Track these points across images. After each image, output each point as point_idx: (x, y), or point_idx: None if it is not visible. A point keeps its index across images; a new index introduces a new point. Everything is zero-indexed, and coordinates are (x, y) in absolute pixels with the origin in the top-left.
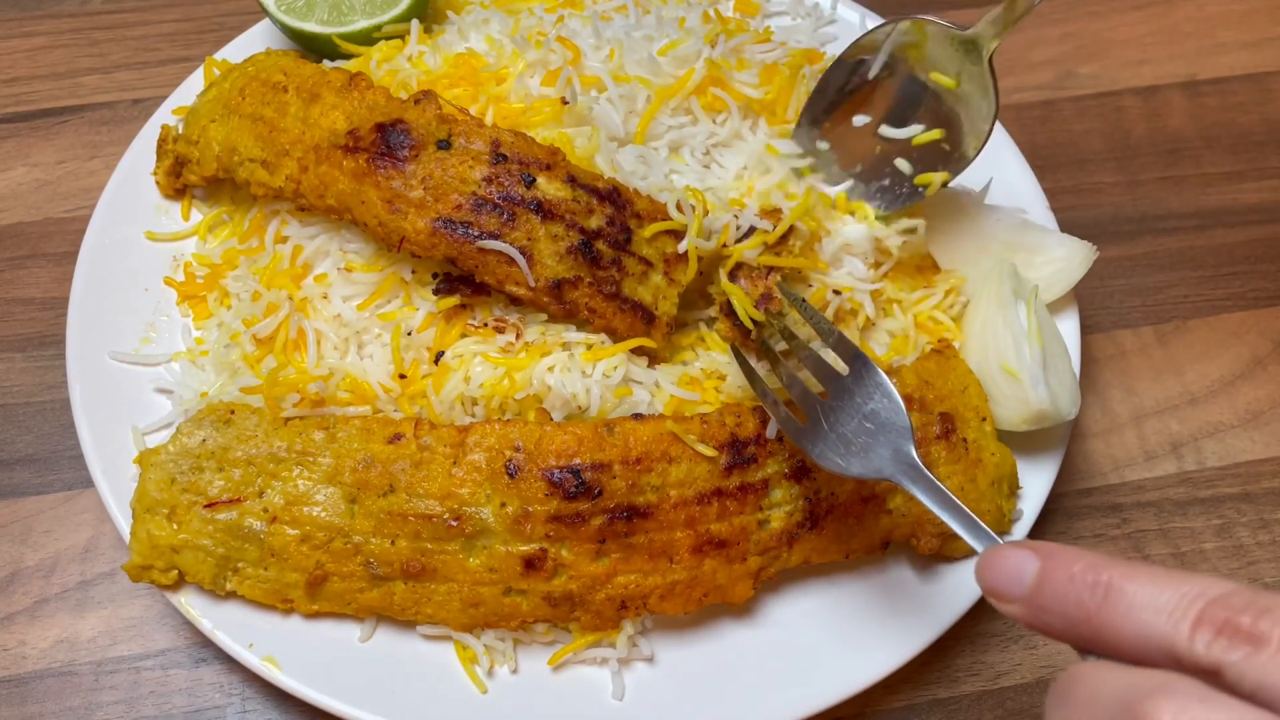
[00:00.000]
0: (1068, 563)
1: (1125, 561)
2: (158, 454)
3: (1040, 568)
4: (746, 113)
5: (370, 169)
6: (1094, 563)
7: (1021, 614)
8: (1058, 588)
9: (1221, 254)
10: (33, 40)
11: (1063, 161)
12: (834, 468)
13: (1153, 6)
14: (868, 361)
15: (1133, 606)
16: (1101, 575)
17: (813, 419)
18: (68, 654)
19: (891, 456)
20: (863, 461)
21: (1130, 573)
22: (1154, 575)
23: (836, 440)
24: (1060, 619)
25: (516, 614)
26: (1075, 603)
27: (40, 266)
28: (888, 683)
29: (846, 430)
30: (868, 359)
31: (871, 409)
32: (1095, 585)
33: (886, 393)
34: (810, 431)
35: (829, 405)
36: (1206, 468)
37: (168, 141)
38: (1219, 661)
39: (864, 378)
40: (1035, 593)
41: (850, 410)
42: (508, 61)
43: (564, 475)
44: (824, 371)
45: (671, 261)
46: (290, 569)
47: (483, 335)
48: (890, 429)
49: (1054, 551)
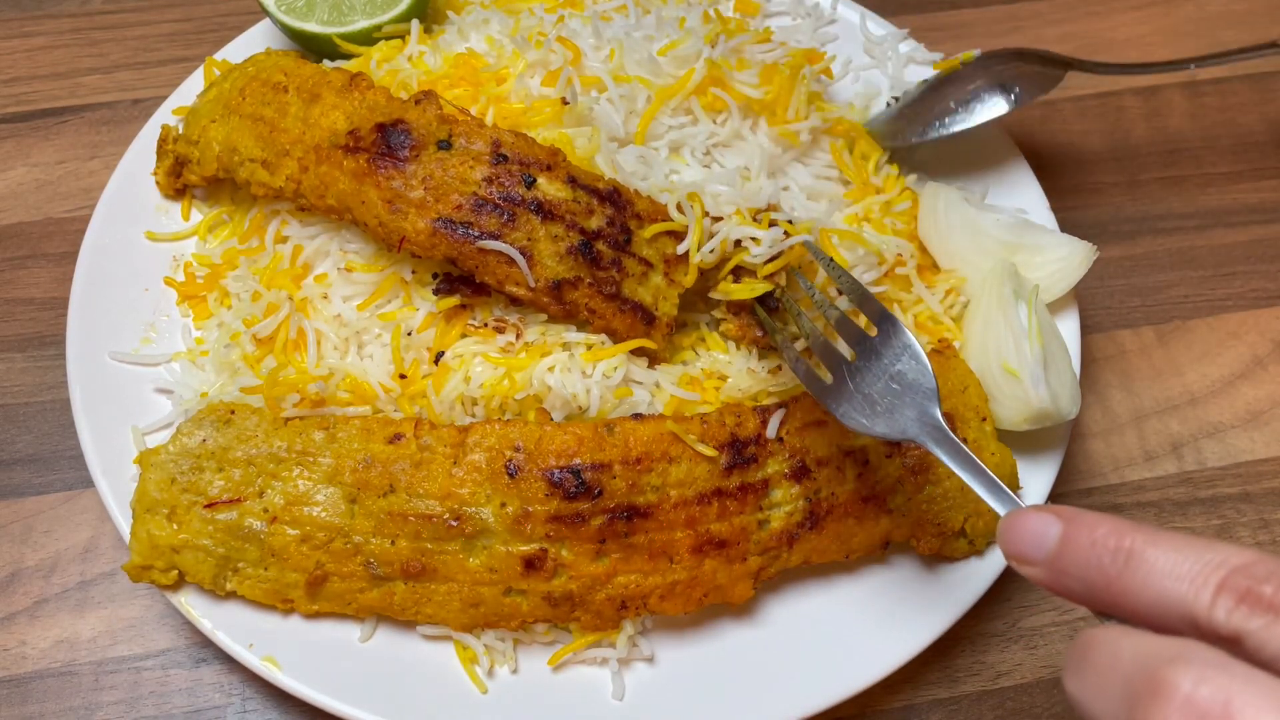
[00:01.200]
0: (1090, 527)
1: (1148, 527)
2: (158, 454)
3: (1062, 531)
4: (746, 113)
5: (371, 169)
6: (1116, 527)
7: (1042, 577)
8: (1079, 552)
9: (1221, 254)
10: (33, 40)
11: (1063, 161)
12: (858, 427)
13: (1153, 6)
14: (896, 322)
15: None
16: (1124, 540)
17: (838, 377)
18: (68, 654)
19: (917, 418)
20: (887, 421)
21: (1153, 539)
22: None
23: (862, 400)
24: (1081, 583)
25: (516, 614)
26: (1096, 567)
27: (40, 266)
28: (888, 683)
29: (872, 391)
30: (896, 320)
31: (899, 370)
32: (1117, 550)
33: (914, 354)
34: (834, 389)
35: (855, 366)
36: (1206, 468)
37: (168, 141)
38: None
39: (892, 338)
40: (1056, 557)
41: (877, 371)
42: (508, 62)
43: (564, 475)
44: (851, 332)
45: (672, 262)
46: (290, 569)
47: (483, 335)
48: (916, 390)
49: (1076, 516)
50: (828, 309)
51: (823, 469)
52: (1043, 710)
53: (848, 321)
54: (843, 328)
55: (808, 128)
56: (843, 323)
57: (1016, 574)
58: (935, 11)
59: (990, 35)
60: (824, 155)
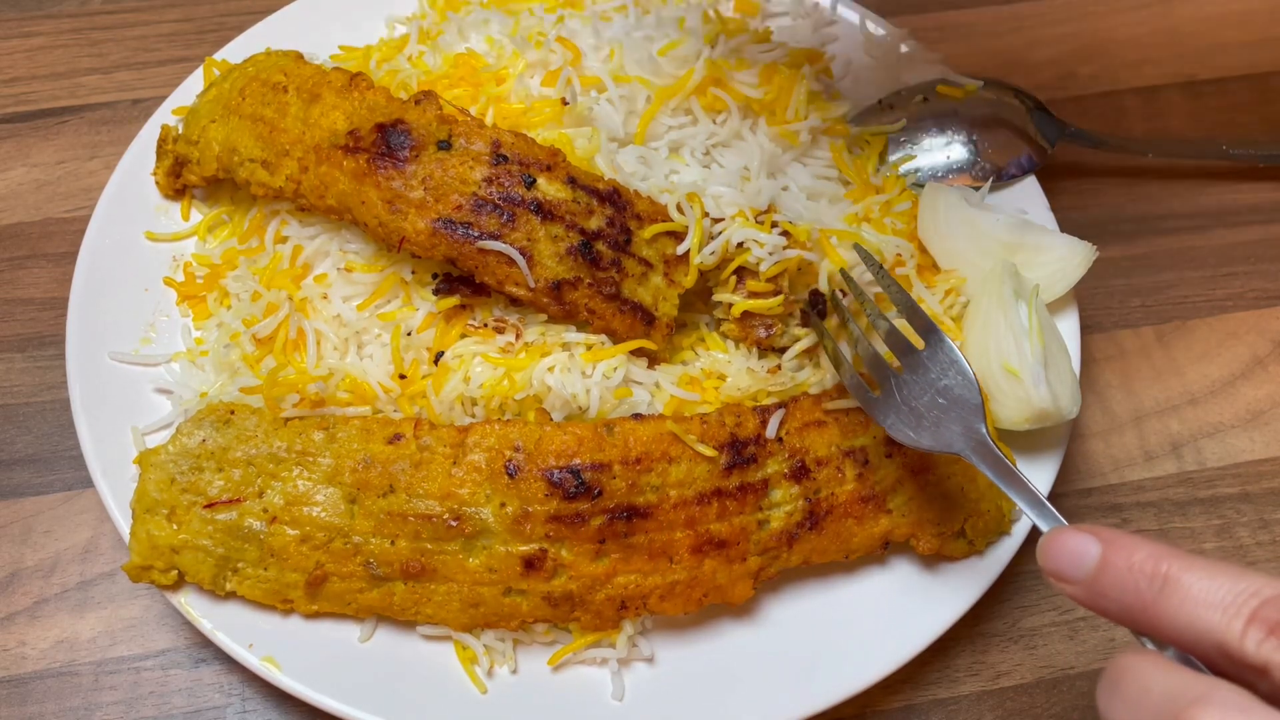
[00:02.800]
0: (1129, 551)
1: (1186, 554)
2: (157, 454)
3: (1101, 554)
4: (746, 113)
5: (370, 169)
6: (1154, 553)
7: (1080, 596)
8: (1117, 576)
9: (1221, 254)
10: (33, 40)
11: (1063, 161)
12: (905, 439)
13: (1153, 6)
14: (942, 336)
15: (1187, 600)
16: (1160, 566)
17: (885, 390)
18: (68, 654)
19: (962, 433)
20: (933, 435)
21: (1189, 565)
22: (1212, 570)
23: (909, 413)
24: (1117, 605)
25: (516, 614)
26: (1133, 592)
27: (40, 266)
28: (888, 683)
29: (919, 404)
30: (942, 334)
31: (945, 384)
32: (1154, 576)
33: (960, 370)
34: (882, 402)
35: (902, 378)
36: (1206, 468)
37: (168, 141)
38: (1267, 661)
39: (939, 352)
40: (1094, 579)
41: (924, 384)
42: (508, 62)
43: (564, 475)
44: (899, 344)
45: (672, 263)
46: (290, 569)
47: (482, 336)
48: (963, 406)
49: (1115, 539)
50: (877, 319)
51: (822, 469)
52: (1043, 710)
53: (896, 333)
54: (891, 339)
55: (807, 128)
56: (891, 334)
57: (1016, 574)
58: (935, 11)
59: (990, 35)
60: (824, 155)
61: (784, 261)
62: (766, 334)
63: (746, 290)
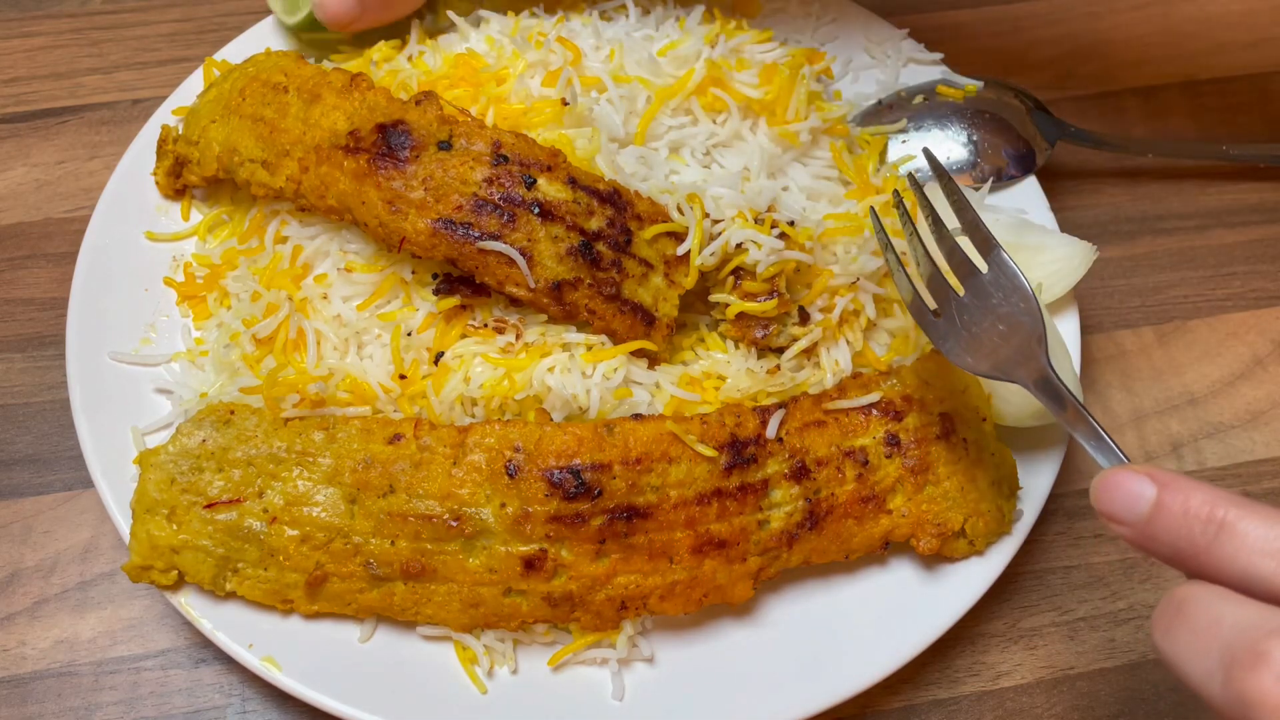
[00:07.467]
0: (1185, 494)
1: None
2: (157, 454)
3: (1157, 497)
4: (746, 113)
5: (371, 169)
6: (1210, 497)
7: (1132, 538)
8: (1171, 520)
9: (1221, 254)
10: (33, 40)
11: (1063, 161)
12: (964, 365)
13: (1153, 6)
14: (1006, 259)
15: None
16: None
17: (947, 314)
18: (68, 654)
19: (1023, 364)
20: (993, 363)
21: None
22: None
23: (969, 338)
24: (1169, 549)
25: (516, 614)
26: (1187, 537)
27: (40, 266)
28: (888, 683)
29: (979, 330)
30: (1005, 256)
31: (1007, 311)
32: (1209, 521)
33: (1024, 296)
34: (943, 326)
35: (963, 301)
36: (1206, 468)
37: (168, 142)
38: None
39: (1001, 277)
40: (1148, 522)
41: (985, 310)
42: (508, 62)
43: (564, 476)
44: (962, 265)
45: (672, 263)
46: (290, 569)
47: (483, 336)
48: (1025, 334)
49: (1172, 481)
50: (941, 235)
51: (822, 469)
52: (1043, 710)
53: (960, 253)
54: (954, 259)
55: (807, 128)
56: (954, 254)
57: (1016, 574)
58: (936, 12)
59: (990, 35)
60: (824, 155)
61: (780, 263)
62: (763, 334)
63: (742, 291)
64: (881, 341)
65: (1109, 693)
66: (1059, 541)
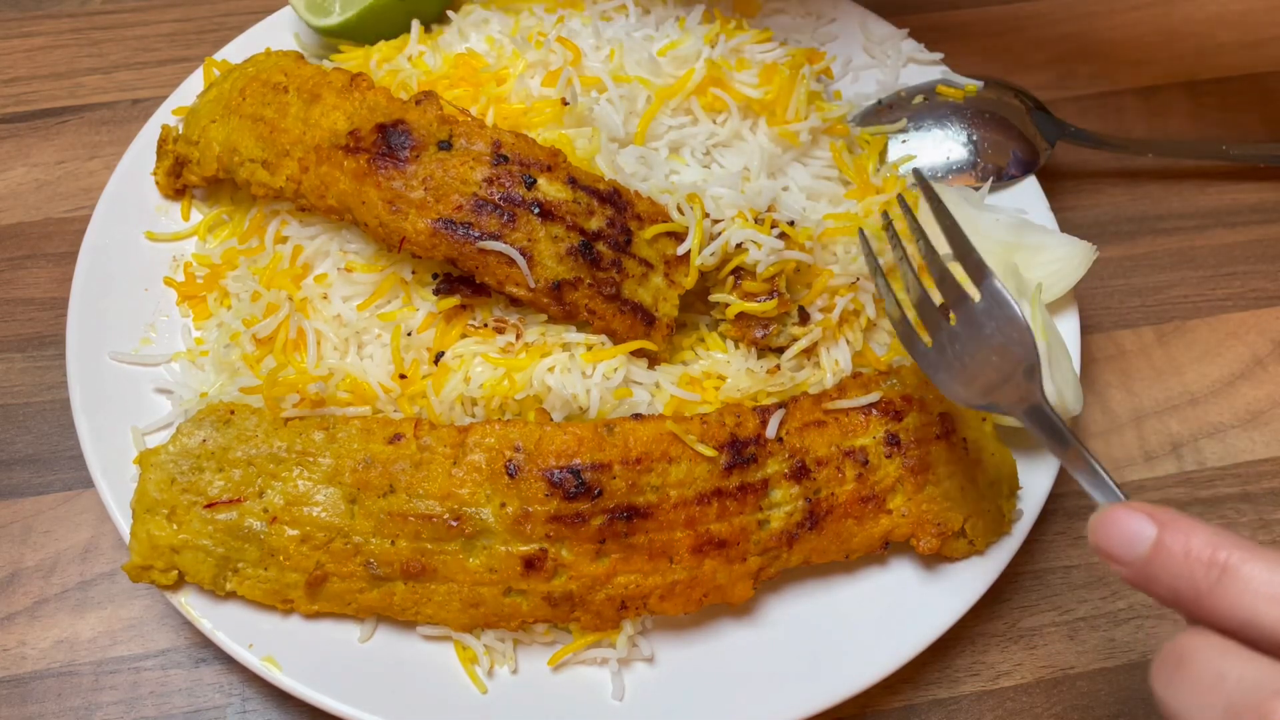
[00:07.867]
0: (1186, 535)
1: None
2: (158, 454)
3: (1157, 537)
4: (746, 113)
5: (371, 169)
6: (1213, 539)
7: (1130, 578)
8: (1171, 562)
9: (1221, 254)
10: (33, 40)
11: (1063, 161)
12: (955, 396)
13: (1153, 7)
14: (999, 287)
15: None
16: (1220, 554)
17: (937, 343)
18: (68, 654)
19: (1017, 396)
20: (985, 395)
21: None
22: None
23: (960, 369)
24: (1169, 591)
25: (516, 614)
26: (1188, 580)
27: (40, 266)
28: (888, 683)
29: (972, 362)
30: (998, 284)
31: (1000, 342)
32: (1211, 564)
33: (1017, 327)
34: (934, 356)
35: (954, 330)
36: (1206, 468)
37: (168, 141)
38: None
39: (994, 306)
40: (1147, 562)
41: (977, 340)
42: (508, 62)
43: (564, 475)
44: (953, 291)
45: (672, 263)
46: (290, 569)
47: (483, 336)
48: (1018, 366)
49: (1172, 521)
50: (932, 260)
51: (822, 469)
52: (1043, 710)
53: (951, 279)
54: (944, 285)
55: (807, 128)
56: (945, 279)
57: (1016, 574)
58: (935, 11)
59: (990, 35)
60: (824, 155)
61: (780, 263)
62: (763, 334)
63: (742, 291)
64: (881, 341)
65: (1109, 692)
66: (1059, 541)
